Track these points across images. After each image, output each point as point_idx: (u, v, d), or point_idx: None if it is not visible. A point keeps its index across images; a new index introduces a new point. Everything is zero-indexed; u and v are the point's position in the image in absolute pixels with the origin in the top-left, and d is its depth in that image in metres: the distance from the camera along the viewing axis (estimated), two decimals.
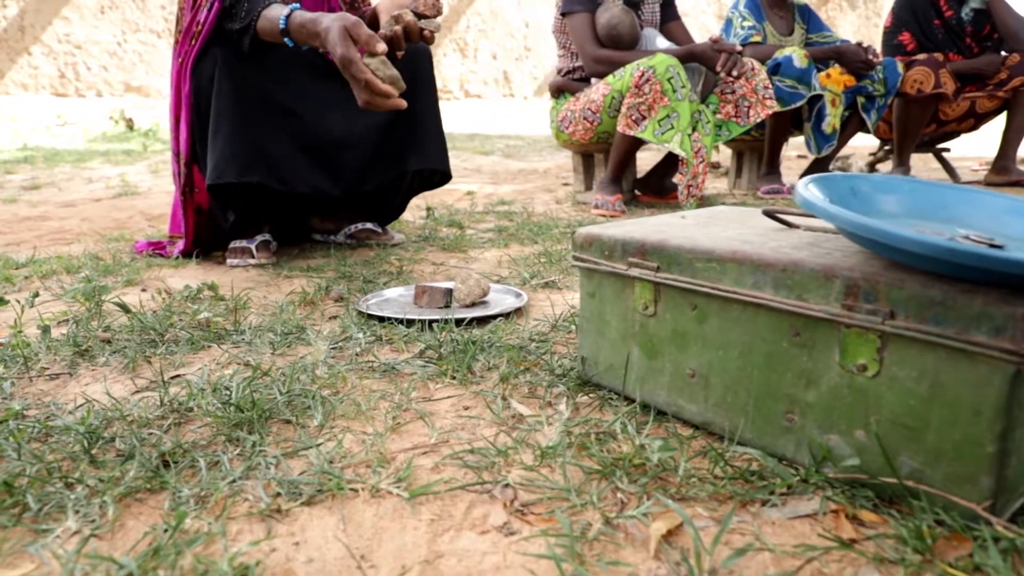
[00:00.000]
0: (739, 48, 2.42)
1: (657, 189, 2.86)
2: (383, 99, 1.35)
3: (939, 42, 3.24)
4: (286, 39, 1.46)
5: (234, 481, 0.68)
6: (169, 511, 0.63)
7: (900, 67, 3.05)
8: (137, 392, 0.93)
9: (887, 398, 0.64)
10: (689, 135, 2.36)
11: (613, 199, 2.58)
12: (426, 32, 1.57)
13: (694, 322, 0.78)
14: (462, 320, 1.17)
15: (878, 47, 10.86)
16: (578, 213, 2.63)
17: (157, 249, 1.92)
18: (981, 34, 3.24)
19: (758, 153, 3.29)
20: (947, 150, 3.65)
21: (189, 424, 0.81)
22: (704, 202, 2.75)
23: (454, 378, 0.94)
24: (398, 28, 1.57)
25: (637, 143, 2.53)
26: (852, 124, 3.17)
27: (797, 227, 0.84)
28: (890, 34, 3.34)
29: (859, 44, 2.91)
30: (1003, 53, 3.22)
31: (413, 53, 1.79)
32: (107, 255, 1.91)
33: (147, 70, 8.16)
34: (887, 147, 3.73)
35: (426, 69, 1.81)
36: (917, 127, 3.23)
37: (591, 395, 0.88)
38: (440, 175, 1.89)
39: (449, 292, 1.27)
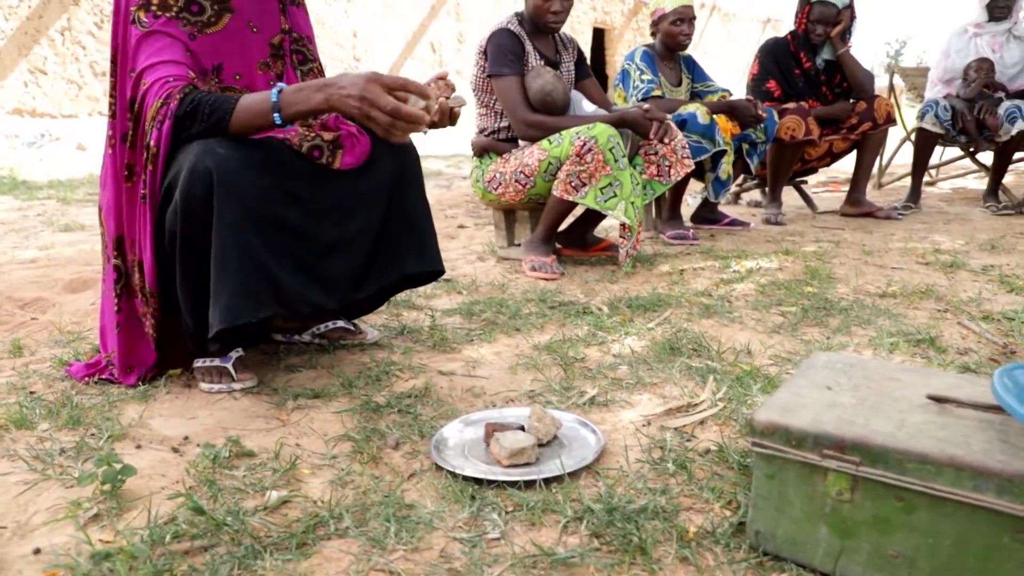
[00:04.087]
0: (668, 117, 2.55)
1: (580, 243, 2.94)
2: (410, 124, 1.34)
3: (800, 90, 3.61)
4: (276, 115, 1.39)
5: None
6: None
7: (776, 116, 3.36)
8: None
9: None
10: (632, 203, 2.45)
11: (549, 260, 2.62)
12: (456, 110, 1.56)
13: (900, 512, 0.84)
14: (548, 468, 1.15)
15: None
16: (515, 275, 2.64)
17: (102, 374, 1.68)
18: (833, 82, 3.66)
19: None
20: (805, 182, 4.08)
21: None
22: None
23: (633, 564, 0.93)
24: (437, 107, 1.53)
25: (572, 205, 2.58)
26: (737, 167, 3.45)
27: (952, 405, 0.92)
28: (758, 81, 3.67)
29: (748, 99, 3.17)
30: (851, 100, 3.65)
31: (400, 151, 1.71)
32: (39, 386, 1.64)
33: None
34: (755, 180, 4.10)
35: (414, 166, 1.73)
36: (789, 167, 3.59)
37: (780, 572, 0.91)
38: (431, 273, 1.82)
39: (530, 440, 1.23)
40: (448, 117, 1.56)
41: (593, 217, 2.91)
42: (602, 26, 15.79)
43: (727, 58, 18.08)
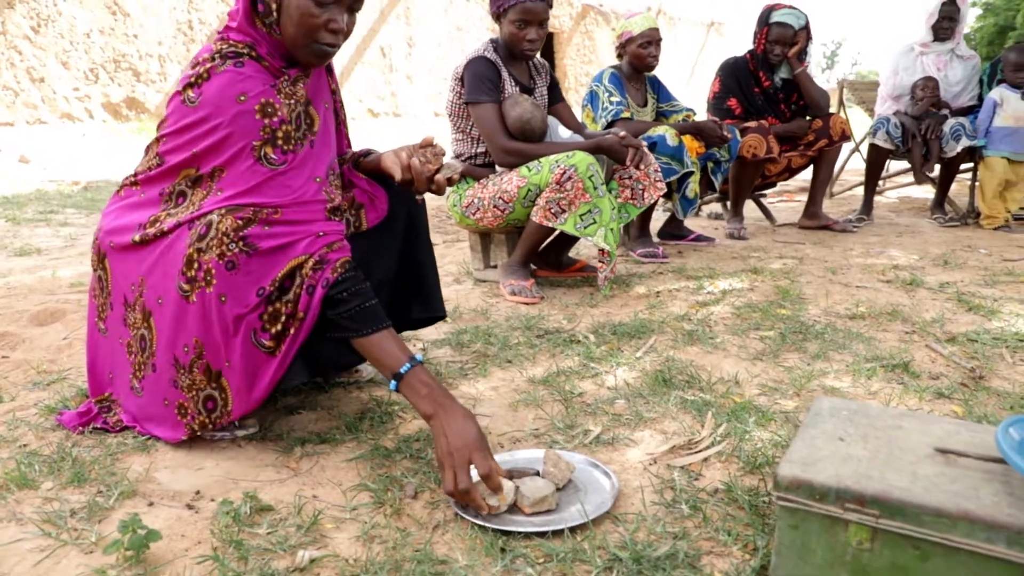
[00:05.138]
0: (644, 144, 2.62)
1: (555, 264, 2.99)
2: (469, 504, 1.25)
3: (759, 108, 3.74)
4: (393, 382, 1.36)
5: None
6: None
7: (739, 135, 3.48)
8: None
9: None
10: (611, 229, 2.51)
11: (528, 284, 2.67)
12: (453, 176, 1.58)
13: (916, 560, 0.91)
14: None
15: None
16: (494, 299, 2.68)
17: (95, 422, 1.65)
18: (790, 100, 3.80)
19: None
20: (764, 195, 4.23)
21: None
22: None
23: None
24: (441, 178, 1.55)
25: (550, 231, 2.63)
26: (701, 184, 3.56)
27: (960, 457, 0.99)
28: (719, 99, 3.78)
29: (714, 121, 3.28)
30: (807, 118, 3.80)
31: (413, 203, 1.74)
32: (29, 437, 1.61)
33: None
34: (716, 194, 4.22)
35: (424, 218, 1.77)
36: (750, 184, 3.72)
37: None
38: (434, 318, 1.87)
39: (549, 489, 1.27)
40: (448, 181, 1.59)
41: (568, 239, 2.96)
42: (551, 30, 15.93)
43: (673, 61, 18.42)
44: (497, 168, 2.73)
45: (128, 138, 10.10)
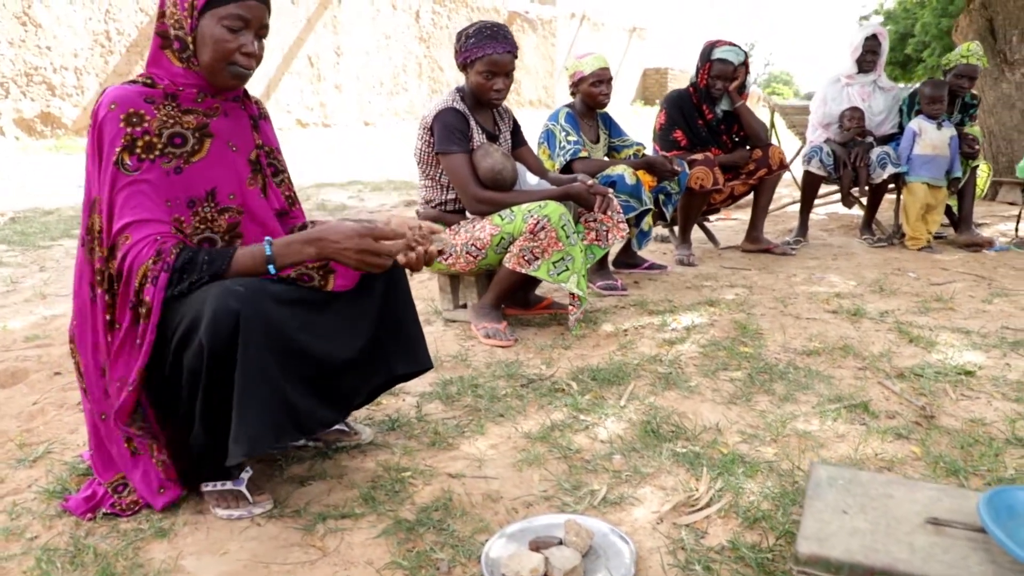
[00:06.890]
0: (610, 191, 2.75)
1: (523, 302, 3.09)
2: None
3: (704, 139, 3.95)
4: (270, 266, 1.50)
5: None
6: None
7: (687, 167, 3.67)
8: None
9: None
10: (584, 276, 2.63)
11: (502, 327, 2.76)
12: (444, 248, 1.68)
13: None
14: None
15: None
16: (469, 342, 2.76)
17: (103, 505, 1.66)
18: (731, 132, 4.02)
19: None
20: (708, 220, 4.46)
21: None
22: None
23: None
24: (433, 250, 1.64)
25: (523, 276, 2.74)
26: (653, 216, 3.74)
27: (945, 526, 1.15)
28: (665, 131, 3.97)
29: (665, 156, 3.45)
30: (748, 148, 4.03)
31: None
32: (36, 527, 1.60)
33: None
34: (664, 221, 4.42)
35: (403, 276, 1.83)
36: (698, 212, 3.93)
37: None
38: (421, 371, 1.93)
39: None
40: (438, 253, 1.68)
41: (532, 279, 3.07)
42: None
43: None
44: (468, 215, 2.81)
45: (45, 156, 9.65)
